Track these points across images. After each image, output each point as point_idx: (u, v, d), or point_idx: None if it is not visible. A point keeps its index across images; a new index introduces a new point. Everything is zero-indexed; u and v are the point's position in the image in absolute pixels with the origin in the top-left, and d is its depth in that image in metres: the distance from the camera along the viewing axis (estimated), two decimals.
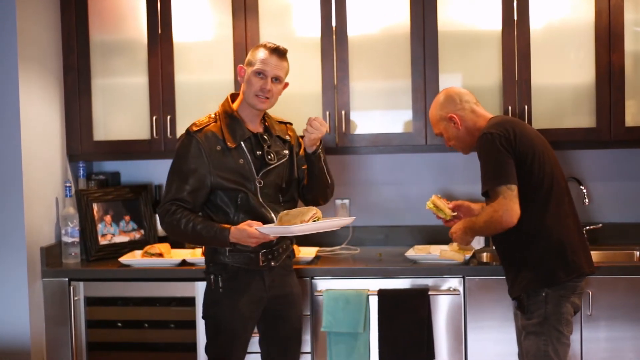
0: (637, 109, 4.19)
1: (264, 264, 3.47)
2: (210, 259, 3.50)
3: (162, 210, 3.39)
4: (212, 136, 3.40)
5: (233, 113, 3.46)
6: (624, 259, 4.39)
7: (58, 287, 4.12)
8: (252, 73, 3.42)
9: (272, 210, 3.45)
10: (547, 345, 3.32)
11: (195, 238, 3.38)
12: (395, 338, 3.91)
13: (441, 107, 3.57)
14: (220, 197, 3.41)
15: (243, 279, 3.46)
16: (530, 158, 3.32)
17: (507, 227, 3.28)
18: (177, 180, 3.39)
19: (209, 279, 3.49)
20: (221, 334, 3.47)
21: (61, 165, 4.40)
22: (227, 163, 3.39)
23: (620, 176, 4.57)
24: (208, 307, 3.52)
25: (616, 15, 4.12)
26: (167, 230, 3.44)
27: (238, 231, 3.31)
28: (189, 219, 3.34)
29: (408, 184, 4.67)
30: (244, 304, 3.45)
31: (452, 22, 4.25)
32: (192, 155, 3.38)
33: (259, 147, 3.48)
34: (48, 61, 4.29)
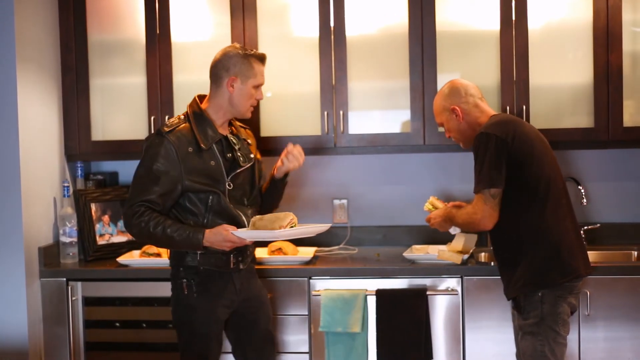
0: (635, 109, 4.19)
1: (234, 266, 3.46)
2: (178, 262, 3.43)
3: (129, 212, 3.31)
4: (184, 138, 3.36)
5: (203, 114, 3.43)
6: (622, 259, 4.39)
7: (56, 287, 4.12)
8: (251, 86, 3.43)
9: (241, 213, 3.44)
10: (544, 346, 3.32)
11: (165, 241, 3.32)
12: (393, 338, 3.91)
13: (445, 98, 3.57)
14: (189, 199, 3.37)
15: (215, 283, 3.43)
16: (529, 160, 3.32)
17: (483, 230, 3.38)
18: (146, 181, 3.32)
19: (180, 284, 3.43)
20: (197, 340, 3.43)
21: (59, 165, 4.40)
22: (199, 165, 3.36)
23: (618, 176, 4.57)
24: (182, 314, 3.45)
25: (614, 16, 4.12)
26: (134, 233, 3.35)
27: (213, 234, 3.29)
28: (158, 221, 3.28)
29: (406, 184, 4.67)
30: (218, 307, 3.43)
31: (451, 22, 4.25)
32: (164, 157, 3.32)
33: (230, 149, 3.47)
34: (46, 61, 4.29)
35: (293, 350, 4.02)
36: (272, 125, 4.32)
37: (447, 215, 3.56)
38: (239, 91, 3.43)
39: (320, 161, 4.66)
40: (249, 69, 3.42)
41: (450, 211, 3.56)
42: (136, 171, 3.39)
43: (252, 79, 3.43)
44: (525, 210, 3.33)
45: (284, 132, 4.29)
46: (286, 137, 4.24)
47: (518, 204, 3.32)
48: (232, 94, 3.43)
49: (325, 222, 4.64)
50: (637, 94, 4.18)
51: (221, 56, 3.45)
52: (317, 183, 4.68)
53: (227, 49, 3.47)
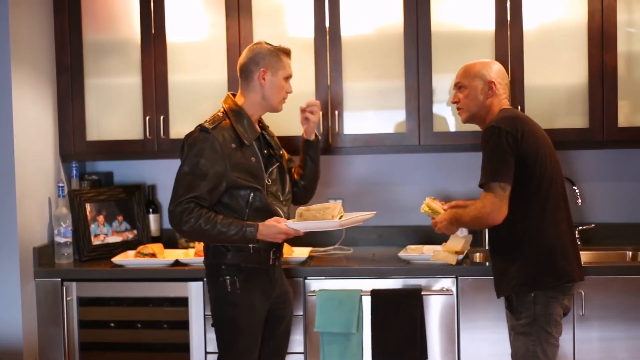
0: (630, 110, 4.20)
1: (273, 262, 3.49)
2: (219, 260, 3.42)
3: (178, 209, 3.29)
4: (227, 133, 3.38)
5: (241, 111, 3.45)
6: (617, 259, 4.40)
7: (51, 288, 4.11)
8: (282, 78, 3.47)
9: (279, 209, 3.47)
10: (536, 346, 3.32)
11: (217, 237, 3.31)
12: (388, 338, 3.91)
13: (488, 69, 3.51)
14: (231, 196, 3.38)
15: (256, 278, 3.45)
16: (533, 160, 3.31)
17: (492, 225, 3.31)
18: (193, 178, 3.30)
19: (222, 281, 3.41)
20: (241, 337, 3.42)
21: (54, 165, 4.39)
22: (241, 161, 3.38)
23: (613, 176, 4.58)
24: (224, 311, 3.43)
25: (609, 16, 4.13)
26: (185, 230, 3.31)
27: (266, 227, 3.32)
28: (209, 218, 3.28)
29: (401, 185, 4.67)
30: (260, 303, 3.45)
31: (446, 22, 4.25)
32: (209, 153, 3.32)
33: (267, 145, 3.53)
34: (41, 61, 4.28)
35: (288, 351, 4.00)
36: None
37: (453, 217, 3.51)
38: (271, 84, 3.46)
39: None
40: (278, 60, 3.46)
41: (455, 212, 3.52)
42: (181, 168, 3.36)
43: (281, 71, 3.47)
44: (525, 209, 3.32)
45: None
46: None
47: (519, 203, 3.31)
48: (265, 87, 3.45)
49: None
50: (632, 94, 4.19)
51: (250, 52, 3.48)
52: None
53: (253, 46, 3.50)
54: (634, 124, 4.19)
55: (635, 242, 4.48)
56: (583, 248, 4.37)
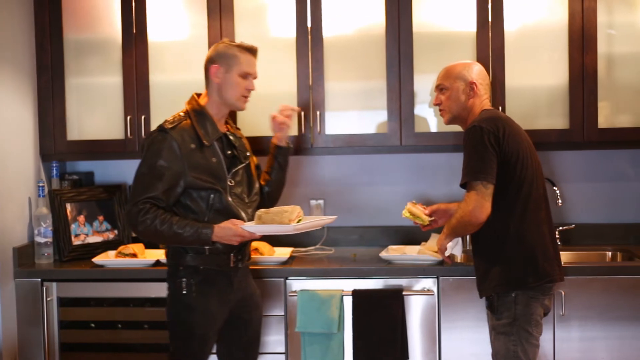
0: (610, 111, 4.22)
1: (234, 264, 3.45)
2: (178, 261, 3.41)
3: (134, 209, 3.28)
4: (186, 134, 3.35)
5: (203, 111, 3.43)
6: (597, 259, 4.42)
7: (30, 288, 4.09)
8: (236, 74, 3.42)
9: (241, 210, 3.43)
10: (517, 346, 3.33)
11: (173, 238, 3.29)
12: (369, 338, 3.91)
13: (469, 70, 3.52)
14: (190, 197, 3.36)
15: (214, 281, 3.42)
16: (515, 160, 3.32)
17: (477, 223, 3.29)
18: (150, 178, 3.29)
19: (179, 282, 3.39)
20: (194, 339, 3.40)
21: (34, 165, 4.37)
22: (201, 161, 3.35)
23: (593, 177, 4.60)
24: (178, 312, 3.41)
25: (589, 18, 4.15)
26: (140, 231, 3.30)
27: (221, 229, 3.29)
28: (164, 219, 3.26)
29: (383, 185, 4.68)
30: (216, 306, 3.41)
31: (427, 23, 4.26)
32: (167, 153, 3.30)
33: (230, 146, 3.48)
34: (21, 60, 4.26)
35: (269, 351, 4.01)
36: (249, 125, 4.31)
37: (445, 231, 3.49)
38: (224, 80, 3.42)
39: (297, 161, 4.66)
40: (232, 57, 3.42)
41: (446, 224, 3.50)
42: (138, 168, 3.35)
43: (236, 67, 3.41)
44: (507, 210, 3.33)
45: (261, 132, 4.28)
46: (263, 137, 4.24)
47: (500, 203, 3.32)
48: (219, 84, 3.42)
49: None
50: (612, 95, 4.21)
51: (210, 51, 3.48)
52: (294, 183, 4.68)
53: (215, 45, 3.49)
54: (614, 125, 4.22)
55: (615, 243, 4.51)
56: (563, 248, 4.39)
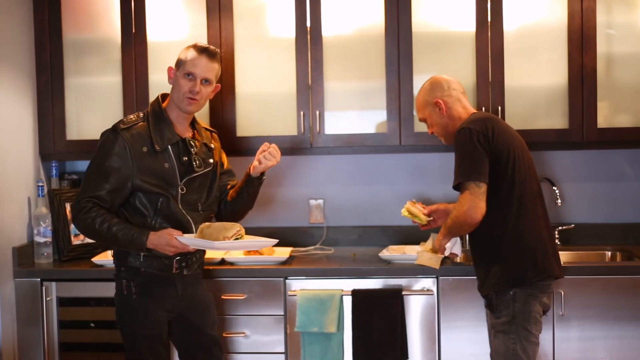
0: (609, 111, 4.22)
1: (177, 271, 3.43)
2: (121, 262, 3.41)
3: (77, 207, 3.27)
4: (139, 136, 3.32)
5: (162, 114, 3.40)
6: (596, 259, 4.42)
7: (30, 288, 4.09)
8: (180, 74, 3.38)
9: (191, 219, 3.41)
10: (516, 344, 3.33)
11: (110, 239, 3.28)
12: (369, 338, 3.91)
13: (428, 92, 3.56)
14: (139, 200, 3.33)
15: (156, 285, 3.40)
16: (506, 158, 3.34)
17: (472, 223, 3.30)
18: (97, 177, 3.28)
19: (120, 284, 3.40)
20: (139, 340, 3.40)
21: (33, 164, 4.37)
22: (152, 165, 3.32)
23: (593, 177, 4.60)
24: (121, 314, 3.42)
25: (589, 18, 4.15)
26: (80, 228, 3.31)
27: (157, 237, 3.26)
28: (104, 219, 3.24)
29: (382, 185, 4.68)
30: (158, 310, 3.40)
31: (427, 23, 4.26)
32: (116, 154, 3.28)
33: (186, 152, 3.43)
34: (20, 60, 4.26)
35: (269, 351, 4.01)
36: (248, 125, 4.31)
37: (442, 232, 3.50)
38: (174, 81, 3.41)
39: (297, 161, 4.66)
40: (182, 56, 3.41)
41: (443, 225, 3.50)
42: (88, 166, 3.35)
43: (181, 67, 3.38)
44: (502, 209, 3.34)
45: (260, 132, 4.28)
46: (262, 137, 4.24)
47: (495, 203, 3.33)
48: (171, 85, 3.42)
49: (302, 222, 4.67)
50: (611, 95, 4.22)
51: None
52: (293, 183, 4.68)
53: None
54: (613, 125, 4.22)
55: (614, 242, 4.51)
56: (563, 248, 4.40)
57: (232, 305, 4.02)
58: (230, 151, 4.26)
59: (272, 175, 4.65)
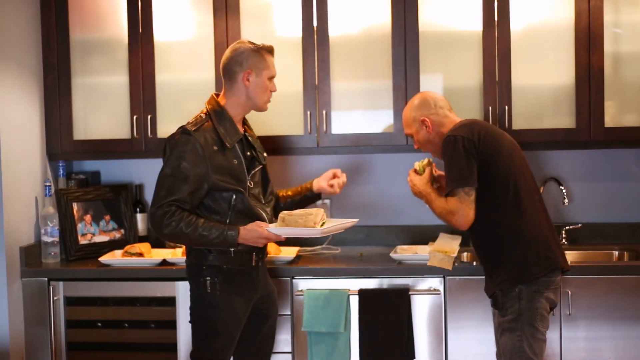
0: (616, 110, 4.21)
1: (256, 264, 3.47)
2: (201, 261, 3.42)
3: (159, 212, 3.28)
4: (209, 135, 3.36)
5: (224, 113, 3.43)
6: (603, 258, 4.42)
7: (37, 287, 4.10)
8: (266, 78, 3.44)
9: (261, 210, 3.46)
10: (522, 341, 3.33)
11: (199, 240, 3.30)
12: (375, 338, 3.92)
13: (415, 110, 3.58)
14: (213, 198, 3.37)
15: (237, 280, 3.43)
16: (495, 159, 3.35)
17: (456, 227, 3.36)
18: (174, 180, 3.29)
19: (203, 282, 3.40)
20: (218, 338, 3.41)
21: (41, 164, 4.37)
22: (223, 163, 3.36)
23: (600, 176, 4.59)
24: (202, 311, 3.43)
25: (596, 17, 4.15)
26: (166, 233, 3.31)
27: (247, 232, 3.32)
28: (190, 221, 3.27)
29: (389, 184, 4.67)
30: (239, 305, 3.43)
31: (433, 22, 4.26)
32: (191, 155, 3.30)
33: (249, 147, 3.50)
34: (27, 60, 4.27)
35: (276, 350, 4.01)
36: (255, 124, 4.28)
37: (426, 196, 3.51)
38: (255, 84, 3.43)
39: (303, 161, 4.66)
40: (262, 60, 3.43)
41: (431, 193, 3.50)
42: (162, 170, 3.35)
43: (265, 71, 3.44)
44: (497, 208, 3.35)
45: (267, 132, 4.28)
46: (269, 137, 4.24)
47: (490, 202, 3.34)
48: (249, 87, 3.43)
49: None
50: (618, 94, 4.21)
51: (232, 52, 3.45)
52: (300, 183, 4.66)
53: (236, 45, 3.46)
54: (621, 124, 4.21)
55: (621, 242, 4.50)
56: (570, 248, 4.39)
57: None
58: None
59: (279, 175, 4.66)
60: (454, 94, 4.24)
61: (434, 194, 3.48)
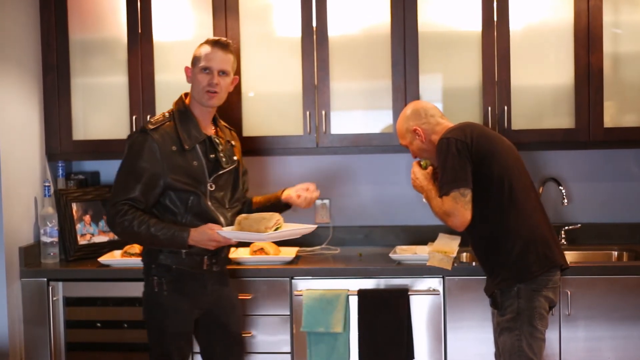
0: (616, 110, 4.21)
1: (208, 267, 3.44)
2: (151, 260, 3.42)
3: (112, 211, 3.29)
4: (168, 136, 3.34)
5: (188, 112, 3.42)
6: (603, 258, 4.42)
7: (36, 288, 4.09)
8: (198, 70, 3.41)
9: (220, 215, 3.43)
10: (521, 341, 3.32)
11: (150, 240, 3.30)
12: (375, 338, 3.91)
13: (407, 120, 3.59)
14: (170, 198, 3.35)
15: (186, 282, 3.41)
16: (489, 159, 3.35)
17: (452, 227, 3.36)
18: (129, 179, 3.30)
19: (151, 281, 3.41)
20: (167, 338, 3.41)
21: (40, 164, 4.37)
22: (181, 164, 3.34)
23: (599, 177, 4.59)
24: (151, 311, 3.44)
25: (595, 17, 4.14)
26: (118, 232, 3.33)
27: (198, 234, 3.29)
28: (142, 220, 3.26)
29: (388, 185, 4.67)
30: (188, 307, 3.42)
31: (433, 22, 4.26)
32: (147, 154, 3.30)
33: (213, 149, 3.46)
34: (27, 60, 4.27)
35: (275, 351, 4.02)
36: (255, 125, 4.31)
37: (427, 192, 3.51)
38: (192, 78, 3.44)
39: (303, 161, 4.66)
40: (196, 53, 3.44)
41: (432, 190, 3.49)
42: (119, 169, 3.37)
43: (197, 62, 3.42)
44: (494, 208, 3.35)
45: (266, 132, 4.28)
46: (268, 137, 4.25)
47: (486, 203, 3.35)
48: (190, 82, 3.45)
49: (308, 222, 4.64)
50: (618, 95, 4.21)
51: None
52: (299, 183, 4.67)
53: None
54: (620, 124, 4.21)
55: (621, 242, 4.50)
56: (569, 248, 4.39)
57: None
58: None
59: (279, 176, 4.66)
60: (454, 94, 4.25)
61: (434, 191, 3.48)
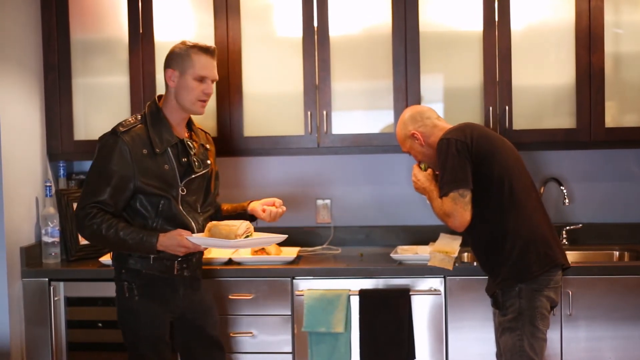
0: (617, 110, 4.21)
1: (178, 272, 3.42)
2: (121, 265, 3.38)
3: (81, 213, 3.24)
4: (139, 139, 3.30)
5: (160, 115, 3.37)
6: (604, 258, 4.42)
7: (38, 288, 4.10)
8: (190, 78, 3.34)
9: (192, 219, 3.40)
10: (522, 341, 3.33)
11: (118, 244, 3.25)
12: (376, 338, 3.91)
13: (404, 126, 3.61)
14: (140, 202, 3.31)
15: (157, 287, 3.38)
16: (489, 159, 3.36)
17: (452, 228, 3.37)
18: (98, 182, 3.26)
19: (121, 286, 3.38)
20: (141, 342, 3.39)
21: (41, 164, 4.37)
22: (152, 167, 3.30)
23: (600, 177, 4.59)
24: (123, 316, 3.41)
25: (596, 17, 4.14)
26: (86, 235, 3.29)
27: (167, 239, 3.25)
28: (110, 224, 3.22)
29: (389, 184, 4.67)
30: (160, 311, 3.39)
31: (434, 22, 4.26)
32: (117, 157, 3.25)
33: (185, 153, 3.41)
34: (28, 60, 4.27)
35: (276, 351, 4.02)
36: (256, 125, 4.31)
37: (429, 193, 3.52)
38: (179, 84, 3.36)
39: (304, 161, 4.66)
40: (187, 60, 3.35)
41: (433, 190, 3.50)
42: (89, 171, 3.33)
43: (190, 70, 3.34)
44: (494, 208, 3.36)
45: (267, 132, 4.28)
46: (269, 137, 4.25)
47: (486, 203, 3.35)
48: (174, 87, 3.37)
49: (309, 222, 4.67)
50: (619, 95, 4.21)
51: (167, 53, 3.42)
52: (301, 183, 4.68)
53: (173, 46, 3.43)
54: (621, 124, 4.21)
55: (622, 242, 4.50)
56: (570, 248, 4.39)
57: (239, 305, 4.03)
58: (237, 151, 4.28)
59: (280, 176, 4.66)
60: (455, 94, 4.24)
61: (435, 191, 3.48)
